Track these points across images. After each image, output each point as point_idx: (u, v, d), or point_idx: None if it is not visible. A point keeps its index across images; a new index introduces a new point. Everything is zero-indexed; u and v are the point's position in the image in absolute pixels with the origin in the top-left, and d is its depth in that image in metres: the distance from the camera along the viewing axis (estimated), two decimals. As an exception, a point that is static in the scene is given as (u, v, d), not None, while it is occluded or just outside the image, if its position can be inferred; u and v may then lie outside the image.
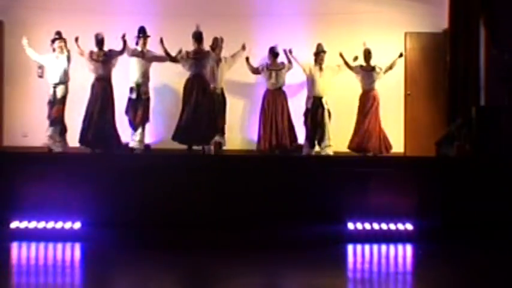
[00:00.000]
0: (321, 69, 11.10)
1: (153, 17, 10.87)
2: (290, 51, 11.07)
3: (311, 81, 11.10)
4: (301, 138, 11.27)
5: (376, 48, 11.37)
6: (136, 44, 10.76)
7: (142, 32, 10.74)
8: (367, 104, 11.12)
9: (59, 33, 10.56)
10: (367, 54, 11.17)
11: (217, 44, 10.83)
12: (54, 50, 10.54)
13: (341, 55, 11.07)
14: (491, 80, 10.70)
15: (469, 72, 11.00)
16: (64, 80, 10.51)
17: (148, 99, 10.85)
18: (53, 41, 10.51)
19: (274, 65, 11.11)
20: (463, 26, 11.11)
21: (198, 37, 10.62)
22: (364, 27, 11.88)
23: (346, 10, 11.90)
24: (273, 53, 11.11)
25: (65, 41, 10.52)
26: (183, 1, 11.94)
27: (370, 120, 11.11)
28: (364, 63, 11.19)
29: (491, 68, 10.70)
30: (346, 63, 11.12)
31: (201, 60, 10.59)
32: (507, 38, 10.43)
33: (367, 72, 11.15)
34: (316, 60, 11.11)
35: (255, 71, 11.16)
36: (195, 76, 10.57)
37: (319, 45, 11.17)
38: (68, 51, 10.53)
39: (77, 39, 10.43)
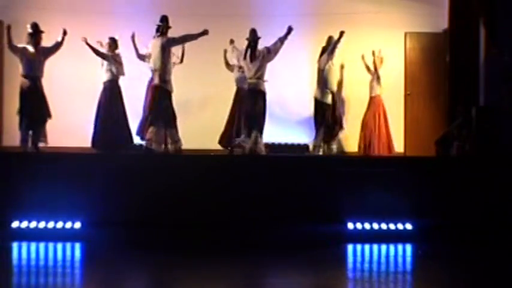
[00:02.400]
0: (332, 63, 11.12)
1: (154, 18, 10.82)
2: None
3: (331, 75, 11.06)
4: (300, 137, 11.30)
5: (376, 49, 11.39)
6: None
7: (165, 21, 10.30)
8: (381, 107, 11.48)
9: (36, 25, 10.26)
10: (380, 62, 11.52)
11: (257, 35, 10.34)
12: (29, 42, 10.29)
13: (363, 58, 11.52)
14: (491, 80, 10.71)
15: (469, 72, 11.01)
16: (40, 74, 10.34)
17: None
18: (30, 35, 10.22)
19: None
20: (463, 26, 11.12)
21: None
22: (364, 27, 11.90)
23: (346, 10, 11.91)
24: None
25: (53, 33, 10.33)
26: (184, 1, 11.95)
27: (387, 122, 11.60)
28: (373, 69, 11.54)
29: (491, 68, 10.71)
30: (367, 67, 11.53)
31: None
32: (507, 38, 10.43)
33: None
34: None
35: None
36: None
37: (330, 38, 11.12)
38: (58, 44, 10.41)
39: (85, 39, 10.38)
